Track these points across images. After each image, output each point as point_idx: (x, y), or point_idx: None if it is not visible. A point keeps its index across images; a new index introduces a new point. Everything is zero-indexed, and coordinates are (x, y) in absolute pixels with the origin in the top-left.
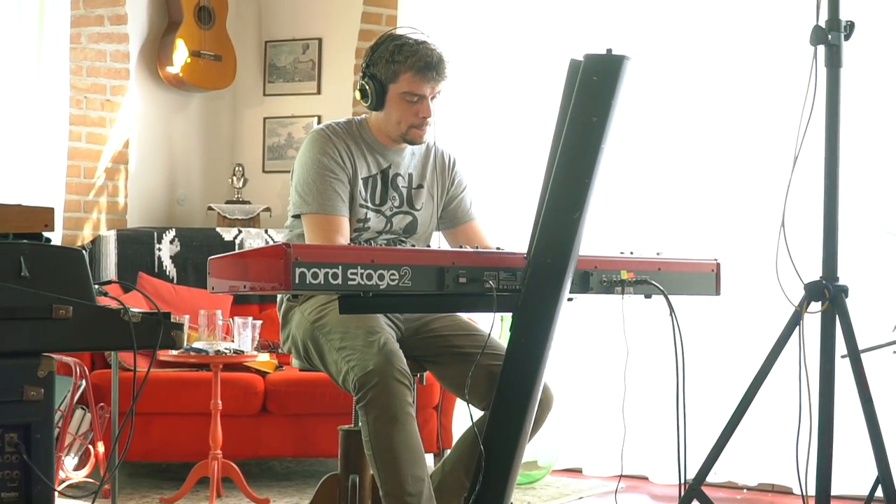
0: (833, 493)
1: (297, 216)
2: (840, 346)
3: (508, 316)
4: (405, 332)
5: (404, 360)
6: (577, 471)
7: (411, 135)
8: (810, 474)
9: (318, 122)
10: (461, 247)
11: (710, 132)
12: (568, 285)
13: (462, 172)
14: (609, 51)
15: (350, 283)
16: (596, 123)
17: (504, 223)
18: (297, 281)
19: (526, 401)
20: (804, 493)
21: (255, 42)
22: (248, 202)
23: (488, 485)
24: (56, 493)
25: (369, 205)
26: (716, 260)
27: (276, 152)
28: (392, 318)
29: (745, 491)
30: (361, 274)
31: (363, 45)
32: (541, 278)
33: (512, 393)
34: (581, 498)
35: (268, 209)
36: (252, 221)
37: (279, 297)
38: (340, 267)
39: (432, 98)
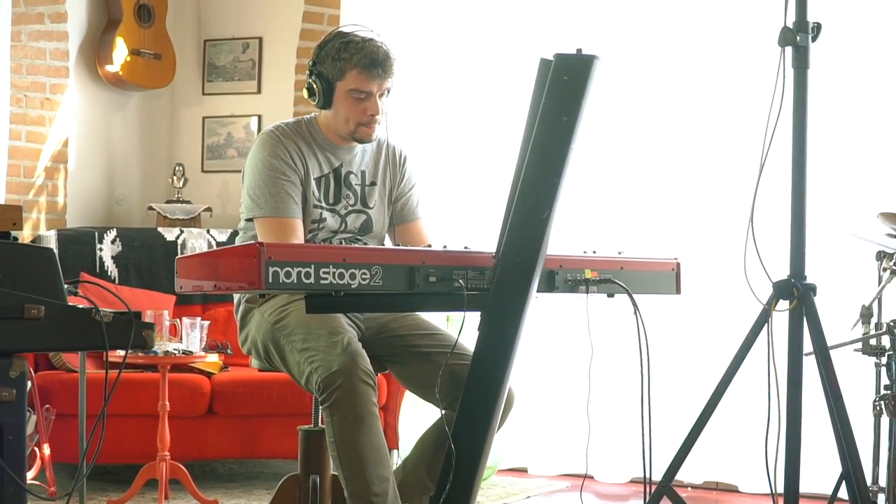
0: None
1: (250, 219)
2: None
3: (457, 316)
4: (366, 333)
5: (368, 361)
6: (523, 470)
7: (360, 133)
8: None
9: (259, 122)
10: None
11: (676, 132)
12: (536, 284)
13: (412, 170)
14: (579, 50)
15: (322, 281)
16: (566, 123)
17: (471, 223)
18: (269, 280)
19: (494, 399)
20: (773, 491)
21: (194, 41)
22: (188, 202)
23: (456, 484)
24: (28, 495)
25: (323, 204)
26: (676, 259)
27: (216, 152)
28: (352, 319)
29: (689, 489)
30: (333, 273)
31: (304, 45)
32: (509, 277)
33: (480, 391)
34: (528, 497)
35: (208, 209)
36: (193, 221)
37: (236, 298)
38: (313, 266)
39: (380, 95)
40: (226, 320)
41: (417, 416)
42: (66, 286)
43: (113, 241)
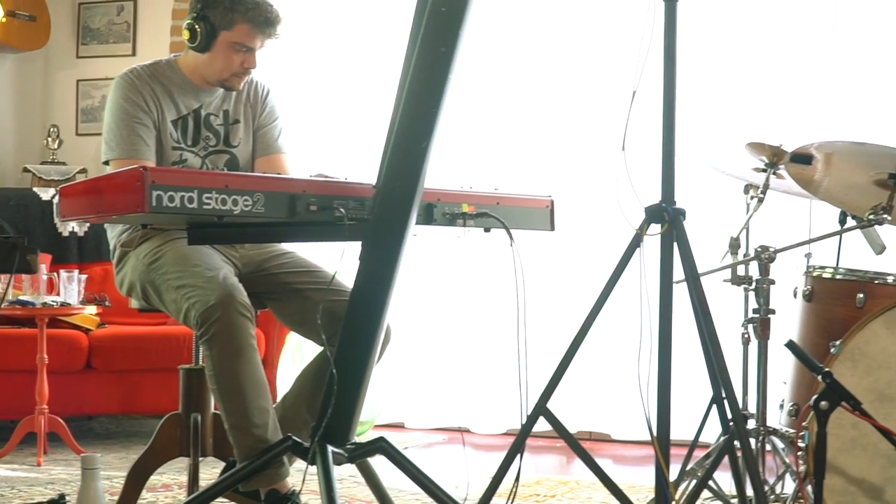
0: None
1: (107, 163)
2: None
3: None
4: (243, 270)
5: (245, 294)
6: (400, 425)
7: (232, 82)
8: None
9: None
10: None
11: (550, 68)
12: (415, 214)
13: (274, 102)
14: None
15: (205, 206)
16: (444, 54)
17: (351, 156)
18: (153, 203)
19: (374, 328)
20: (647, 411)
21: (69, 3)
22: (63, 163)
23: (336, 413)
24: None
25: (183, 145)
26: (550, 197)
27: (90, 115)
28: (229, 257)
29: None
30: (216, 199)
31: (179, 7)
32: (389, 206)
33: (361, 321)
34: (406, 448)
35: (84, 170)
36: (68, 182)
37: (112, 243)
38: (196, 191)
39: (259, 49)
40: (102, 278)
41: (295, 371)
42: None
43: None
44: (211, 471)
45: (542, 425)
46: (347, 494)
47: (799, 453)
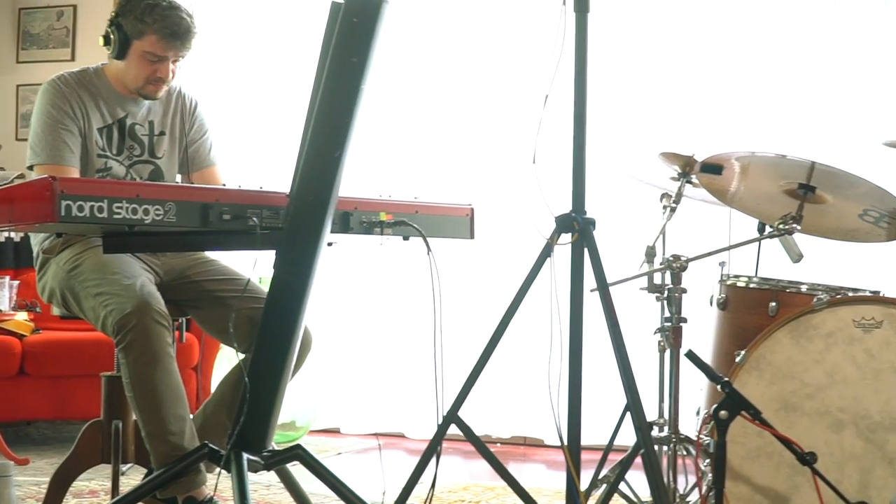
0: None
1: (31, 167)
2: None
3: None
4: (164, 278)
5: (162, 302)
6: (335, 431)
7: (147, 90)
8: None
9: None
10: None
11: (469, 80)
12: (329, 223)
13: (204, 116)
14: None
15: (116, 216)
16: (356, 64)
17: (270, 166)
18: (63, 213)
19: (289, 337)
20: (557, 419)
21: (8, 8)
22: (2, 168)
23: (252, 420)
24: None
25: (108, 154)
26: (470, 205)
27: (30, 120)
28: (150, 265)
29: (498, 445)
30: (127, 208)
31: None
32: (303, 216)
33: (275, 329)
34: (339, 454)
35: (21, 175)
36: None
37: (35, 249)
38: (106, 201)
39: (175, 61)
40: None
41: None
42: None
43: None
44: (139, 478)
45: (484, 430)
46: (274, 501)
47: (707, 461)
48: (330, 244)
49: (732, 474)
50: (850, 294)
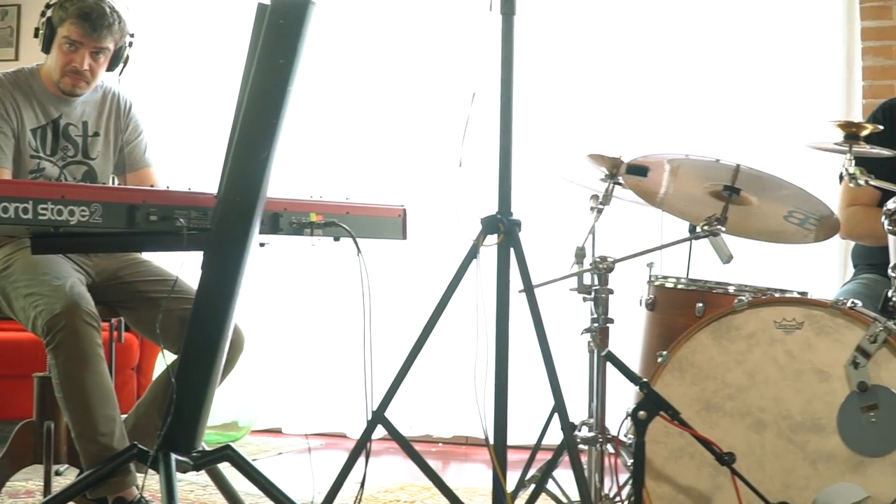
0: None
1: None
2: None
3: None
4: (96, 279)
5: (92, 303)
6: (277, 430)
7: (64, 82)
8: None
9: None
10: None
11: (399, 80)
12: (257, 224)
13: (138, 117)
14: None
15: (41, 217)
16: (283, 65)
17: (198, 166)
18: None
19: (217, 337)
20: (483, 420)
21: None
22: None
23: (180, 421)
24: None
25: (42, 154)
26: (402, 206)
27: None
28: (82, 266)
29: (441, 445)
30: (52, 209)
31: None
32: (230, 217)
33: (203, 330)
34: (280, 454)
35: None
36: None
37: None
38: (31, 202)
39: (96, 54)
40: None
41: None
42: None
43: None
44: (73, 478)
45: (426, 430)
46: (209, 501)
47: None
48: (262, 245)
49: (655, 474)
50: (775, 295)
